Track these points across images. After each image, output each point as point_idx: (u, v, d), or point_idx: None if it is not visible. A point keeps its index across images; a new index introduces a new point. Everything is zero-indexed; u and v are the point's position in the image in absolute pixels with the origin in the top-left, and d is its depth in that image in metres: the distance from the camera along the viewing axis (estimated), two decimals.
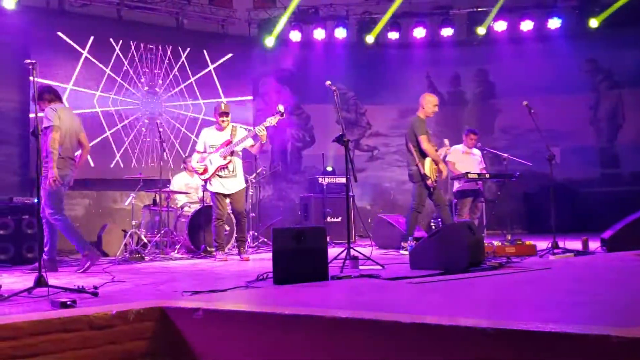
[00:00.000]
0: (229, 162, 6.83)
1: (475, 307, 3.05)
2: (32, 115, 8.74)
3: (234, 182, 6.87)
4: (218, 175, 6.82)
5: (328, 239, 8.42)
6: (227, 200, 6.93)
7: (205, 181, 7.01)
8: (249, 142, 6.90)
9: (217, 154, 6.84)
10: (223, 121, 6.91)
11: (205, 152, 6.95)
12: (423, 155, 6.96)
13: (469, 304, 3.16)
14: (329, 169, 10.10)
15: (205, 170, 6.87)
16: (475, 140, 8.64)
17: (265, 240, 8.79)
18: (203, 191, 8.08)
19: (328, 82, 5.95)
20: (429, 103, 7.14)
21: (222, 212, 6.87)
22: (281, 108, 6.80)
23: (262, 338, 2.70)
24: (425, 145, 6.98)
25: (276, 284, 4.15)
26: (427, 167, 6.94)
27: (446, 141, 7.49)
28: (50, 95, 5.93)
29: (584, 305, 2.95)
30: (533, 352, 2.04)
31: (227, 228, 8.09)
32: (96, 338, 2.80)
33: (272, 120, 6.77)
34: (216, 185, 6.84)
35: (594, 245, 6.55)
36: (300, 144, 11.74)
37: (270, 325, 2.68)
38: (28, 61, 4.30)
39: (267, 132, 6.72)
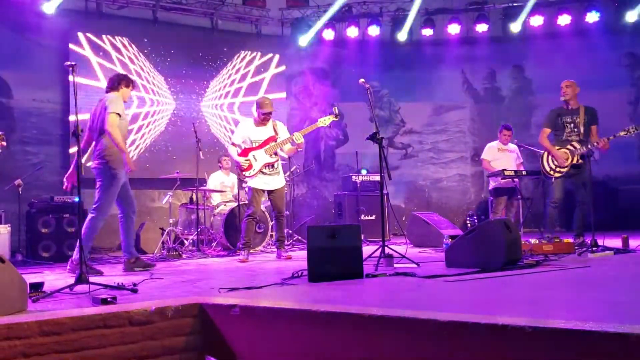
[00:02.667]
0: (276, 160, 6.67)
1: (513, 305, 3.02)
2: (72, 116, 8.95)
3: (276, 179, 6.71)
4: (262, 172, 6.62)
5: (362, 237, 8.48)
6: (263, 198, 6.82)
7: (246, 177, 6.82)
8: (288, 145, 6.79)
9: (262, 151, 6.61)
10: (266, 119, 6.70)
11: (243, 145, 6.69)
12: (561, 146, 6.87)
13: (506, 303, 3.13)
14: (364, 172, 10.04)
15: (250, 167, 6.60)
16: (509, 137, 8.52)
17: (300, 238, 8.83)
18: (239, 189, 8.16)
19: (361, 80, 5.94)
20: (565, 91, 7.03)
21: (257, 209, 6.69)
22: (336, 109, 6.62)
23: (298, 335, 2.73)
24: (540, 137, 7.07)
25: (311, 282, 4.16)
26: (542, 160, 7.01)
27: None
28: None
29: (624, 304, 2.89)
30: (572, 351, 2.02)
31: (262, 226, 8.17)
32: (136, 334, 2.87)
33: (325, 120, 6.64)
34: (258, 182, 6.62)
35: (635, 243, 6.40)
36: (334, 142, 11.75)
37: (305, 322, 2.70)
38: (68, 63, 4.42)
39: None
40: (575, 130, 6.88)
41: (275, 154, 6.68)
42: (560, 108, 7.04)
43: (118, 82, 5.74)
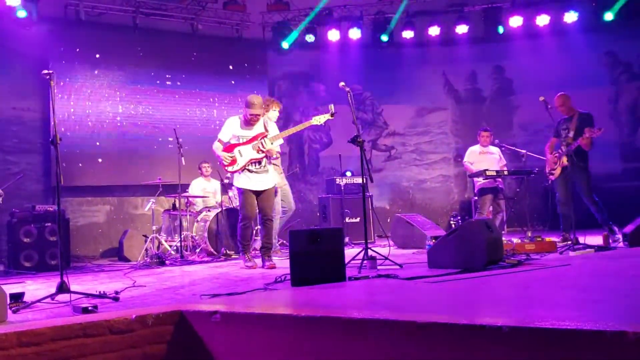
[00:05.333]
0: (263, 157, 6.21)
1: (492, 305, 3.04)
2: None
3: (265, 179, 6.26)
4: (248, 170, 6.17)
5: (347, 240, 8.49)
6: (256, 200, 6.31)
7: (232, 175, 6.38)
8: (277, 145, 6.40)
9: (249, 146, 6.18)
10: (254, 120, 6.25)
11: (229, 142, 6.27)
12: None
13: (486, 303, 3.15)
14: (348, 174, 10.05)
15: (234, 162, 6.17)
16: (488, 137, 8.60)
17: (284, 242, 8.81)
18: (222, 194, 8.15)
19: (342, 84, 5.96)
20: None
21: (249, 211, 6.19)
22: (332, 108, 6.22)
23: (280, 340, 2.72)
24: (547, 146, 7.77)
25: (294, 286, 4.17)
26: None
27: None
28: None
29: (602, 301, 2.92)
30: (549, 349, 2.03)
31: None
32: (116, 342, 2.85)
33: (320, 119, 6.32)
34: (245, 181, 6.18)
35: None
36: (317, 146, 11.76)
37: (287, 327, 2.70)
38: (45, 72, 4.39)
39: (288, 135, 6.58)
40: (568, 135, 7.27)
41: (264, 151, 6.20)
42: (563, 118, 7.55)
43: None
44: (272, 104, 7.22)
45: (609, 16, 10.87)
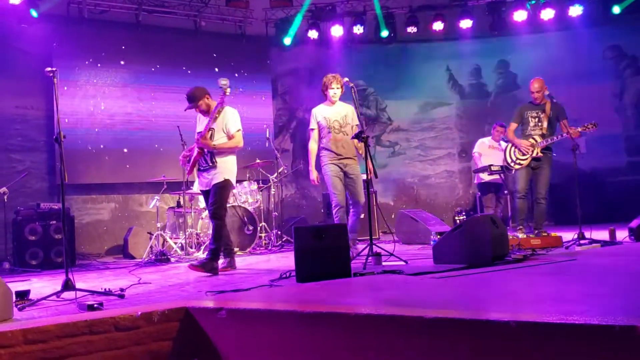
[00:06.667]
0: (200, 152, 5.66)
1: (499, 300, 3.03)
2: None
3: (211, 175, 5.62)
4: (198, 170, 5.75)
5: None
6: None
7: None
8: (221, 136, 5.75)
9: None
10: (206, 112, 5.90)
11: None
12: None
13: (492, 298, 3.13)
14: None
15: (187, 163, 5.87)
16: (502, 133, 8.64)
17: (289, 239, 8.82)
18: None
19: (346, 79, 5.96)
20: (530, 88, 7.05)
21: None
22: (222, 82, 5.66)
23: (285, 336, 2.72)
24: (507, 130, 7.29)
25: (299, 282, 4.16)
26: (505, 153, 7.16)
27: None
28: None
29: (610, 296, 2.91)
30: (557, 344, 2.02)
31: (251, 228, 8.14)
32: (122, 339, 2.85)
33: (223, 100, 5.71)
34: (199, 182, 5.82)
35: (622, 235, 6.45)
36: None
37: (293, 323, 2.69)
38: (49, 69, 4.38)
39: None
40: (539, 124, 6.90)
41: (201, 146, 5.66)
42: (528, 104, 7.11)
43: None
44: (334, 81, 6.37)
45: (616, 10, 10.82)
